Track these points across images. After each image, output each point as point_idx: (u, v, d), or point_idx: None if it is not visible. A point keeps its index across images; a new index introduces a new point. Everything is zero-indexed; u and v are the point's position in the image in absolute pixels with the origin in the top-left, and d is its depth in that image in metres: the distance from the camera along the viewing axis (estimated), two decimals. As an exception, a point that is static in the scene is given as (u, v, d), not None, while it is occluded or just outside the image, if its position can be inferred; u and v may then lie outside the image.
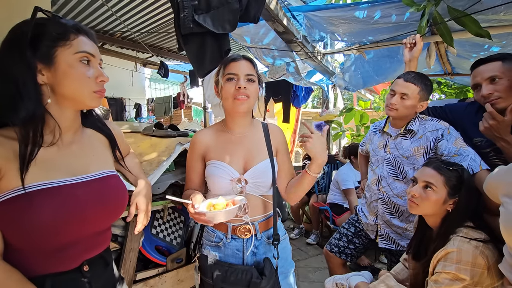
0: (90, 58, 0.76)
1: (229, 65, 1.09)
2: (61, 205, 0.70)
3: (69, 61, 0.72)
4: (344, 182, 3.09)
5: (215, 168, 1.08)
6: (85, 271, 0.76)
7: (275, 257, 1.06)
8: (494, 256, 1.03)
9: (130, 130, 1.59)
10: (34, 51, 0.69)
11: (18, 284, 0.64)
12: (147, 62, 5.03)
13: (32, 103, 0.69)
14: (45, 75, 0.72)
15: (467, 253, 1.02)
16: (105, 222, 0.84)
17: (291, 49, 2.62)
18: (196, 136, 1.18)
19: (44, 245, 0.69)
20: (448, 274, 1.03)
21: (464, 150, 1.41)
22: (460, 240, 1.07)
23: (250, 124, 1.18)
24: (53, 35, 0.71)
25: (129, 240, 1.27)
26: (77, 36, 0.74)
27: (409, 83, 1.52)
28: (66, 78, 0.72)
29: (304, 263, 2.97)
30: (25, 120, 0.68)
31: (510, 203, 0.91)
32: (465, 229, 1.11)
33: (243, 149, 1.12)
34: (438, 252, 1.10)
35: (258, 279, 0.97)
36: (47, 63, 0.71)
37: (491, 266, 1.00)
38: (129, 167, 1.05)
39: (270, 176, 1.09)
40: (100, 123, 0.93)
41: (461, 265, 1.01)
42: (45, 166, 0.71)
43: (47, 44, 0.70)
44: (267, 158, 1.10)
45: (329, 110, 4.11)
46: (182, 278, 1.56)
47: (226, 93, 1.07)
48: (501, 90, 1.27)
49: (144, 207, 0.98)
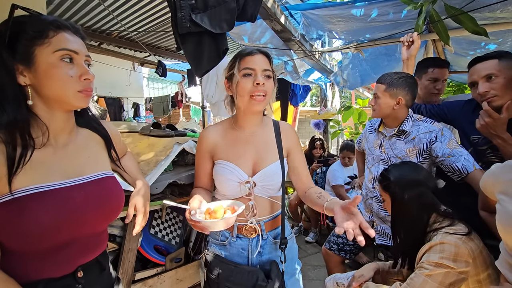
0: (73, 55, 0.72)
1: (245, 59, 1.01)
2: (56, 208, 0.69)
3: (49, 60, 0.69)
4: (333, 178, 3.17)
5: (223, 168, 1.05)
6: (79, 277, 0.75)
7: (282, 261, 1.05)
8: (478, 248, 1.07)
9: (128, 130, 1.58)
10: (12, 52, 0.67)
11: None
12: (144, 61, 5.02)
13: (13, 107, 0.67)
14: (26, 76, 0.69)
15: (450, 244, 1.06)
16: (101, 224, 0.83)
17: (288, 48, 2.62)
18: (203, 133, 1.13)
19: (39, 247, 0.68)
20: (432, 262, 1.06)
21: (458, 151, 1.42)
22: (443, 234, 1.11)
23: (261, 122, 1.13)
24: (30, 34, 0.68)
25: (128, 241, 1.27)
26: (56, 33, 0.70)
27: (378, 83, 1.62)
28: (47, 79, 0.69)
29: (303, 261, 2.98)
30: (9, 124, 0.66)
31: (506, 201, 0.92)
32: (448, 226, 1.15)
33: (252, 150, 1.07)
34: (423, 247, 1.13)
35: (264, 282, 0.96)
36: (26, 63, 0.68)
37: (475, 257, 1.03)
38: (127, 168, 1.04)
39: (279, 179, 1.05)
40: (95, 123, 0.90)
41: (444, 255, 1.05)
42: (41, 168, 0.70)
43: (25, 44, 0.67)
44: (277, 160, 1.06)
45: (327, 109, 4.11)
46: (181, 277, 1.56)
47: (243, 90, 1.00)
48: (497, 88, 1.28)
49: (142, 208, 0.97)
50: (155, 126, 1.56)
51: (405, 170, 1.30)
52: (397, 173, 1.29)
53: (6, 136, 0.66)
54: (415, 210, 1.22)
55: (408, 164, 1.35)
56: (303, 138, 7.50)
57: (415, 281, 1.10)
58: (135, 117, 6.72)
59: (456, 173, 1.41)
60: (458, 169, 1.40)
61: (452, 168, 1.42)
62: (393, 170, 1.31)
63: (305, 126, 7.96)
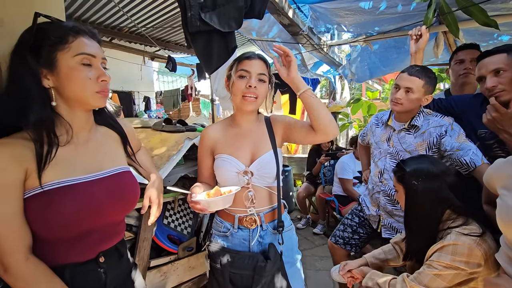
0: (91, 59, 0.77)
1: (243, 62, 1.12)
2: (79, 201, 0.75)
3: (69, 64, 0.74)
4: (342, 171, 3.15)
5: (223, 161, 1.13)
6: (100, 262, 0.82)
7: (280, 242, 1.11)
8: (492, 249, 1.05)
9: (141, 125, 1.65)
10: (37, 57, 0.72)
11: (44, 276, 0.71)
12: (155, 55, 5.09)
13: (39, 108, 0.73)
14: (50, 79, 0.75)
15: (463, 246, 1.05)
16: (119, 215, 0.90)
17: (297, 42, 2.62)
18: (205, 131, 1.23)
19: (65, 235, 0.75)
20: (443, 263, 1.07)
21: (466, 145, 1.42)
22: (457, 234, 1.09)
23: (256, 120, 1.22)
24: (52, 40, 0.73)
25: (143, 230, 1.35)
26: (75, 38, 0.75)
27: (414, 77, 1.50)
28: (68, 81, 0.75)
29: (311, 252, 3.05)
30: (35, 123, 0.72)
31: (507, 195, 0.94)
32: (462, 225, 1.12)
33: (249, 143, 1.16)
34: (435, 245, 1.13)
35: (263, 262, 1.03)
36: (50, 67, 0.74)
37: (488, 258, 1.03)
38: (141, 162, 1.11)
39: (274, 167, 1.12)
40: (112, 120, 0.96)
41: (457, 257, 1.04)
42: (65, 164, 0.77)
43: (48, 49, 0.73)
44: (270, 150, 1.14)
45: (336, 101, 4.10)
46: (193, 265, 1.65)
47: (237, 89, 1.11)
48: (505, 82, 1.27)
49: (156, 199, 1.04)
50: (167, 122, 1.63)
51: (423, 163, 1.26)
52: (414, 165, 1.26)
53: (34, 134, 0.72)
54: (429, 204, 1.19)
55: (427, 157, 1.33)
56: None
57: (422, 276, 1.11)
58: (146, 111, 6.83)
59: (464, 167, 1.42)
60: (466, 163, 1.41)
61: (460, 162, 1.43)
62: (410, 161, 1.29)
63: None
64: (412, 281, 1.14)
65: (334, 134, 1.10)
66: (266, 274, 1.01)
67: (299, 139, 1.19)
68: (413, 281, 1.14)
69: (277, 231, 1.12)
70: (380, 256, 1.50)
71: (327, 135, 1.09)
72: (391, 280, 1.23)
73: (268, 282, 1.02)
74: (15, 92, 0.72)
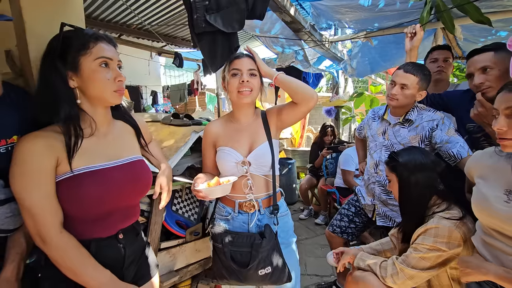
0: (108, 61, 0.87)
1: (233, 62, 1.25)
2: (102, 184, 0.88)
3: (91, 66, 0.85)
4: (345, 162, 3.22)
5: (223, 153, 1.26)
6: (120, 238, 0.95)
7: (275, 223, 1.24)
8: (471, 231, 1.16)
9: (151, 119, 1.78)
10: (64, 62, 0.83)
11: (75, 247, 0.83)
12: (162, 51, 5.19)
13: (68, 105, 0.85)
14: (74, 80, 0.85)
15: (444, 228, 1.16)
16: (135, 198, 1.02)
17: (299, 38, 2.70)
18: (207, 127, 1.36)
19: (91, 213, 0.87)
20: (427, 245, 1.18)
21: (455, 138, 1.51)
22: (439, 218, 1.21)
23: (253, 114, 1.34)
24: (76, 46, 0.83)
25: (154, 215, 1.48)
26: (95, 44, 0.85)
27: (409, 74, 1.58)
28: (90, 82, 0.86)
29: (312, 241, 3.17)
30: (65, 119, 0.84)
31: (481, 183, 1.03)
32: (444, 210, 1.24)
33: (247, 136, 1.28)
34: (419, 229, 1.24)
35: (259, 240, 1.16)
36: (74, 70, 0.84)
37: (467, 239, 1.14)
38: (152, 153, 1.23)
39: (269, 157, 1.24)
40: (127, 115, 1.09)
41: (438, 239, 1.15)
42: (89, 153, 0.89)
43: (72, 55, 0.83)
44: (266, 141, 1.26)
45: (339, 96, 4.16)
46: (199, 248, 1.79)
47: (232, 87, 1.24)
48: (492, 80, 1.34)
49: (166, 186, 1.16)
50: (175, 116, 1.75)
51: (414, 154, 1.36)
52: (406, 155, 1.36)
53: (64, 128, 0.84)
54: (419, 191, 1.30)
55: (418, 149, 1.42)
56: (316, 125, 7.53)
57: (409, 259, 1.23)
58: (153, 105, 6.96)
59: (452, 159, 1.51)
60: (453, 154, 1.50)
61: (449, 154, 1.52)
62: (402, 152, 1.39)
63: (318, 113, 7.97)
64: (401, 264, 1.26)
65: (314, 100, 1.22)
66: (262, 250, 1.14)
67: (290, 118, 1.30)
68: (402, 263, 1.25)
69: (272, 213, 1.24)
70: (377, 247, 1.60)
71: (308, 102, 1.22)
72: (382, 262, 1.34)
73: (264, 258, 1.15)
74: (47, 93, 0.84)
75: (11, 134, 0.85)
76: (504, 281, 0.89)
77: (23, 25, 0.96)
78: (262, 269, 1.15)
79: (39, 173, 0.80)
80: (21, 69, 1.04)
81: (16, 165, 0.79)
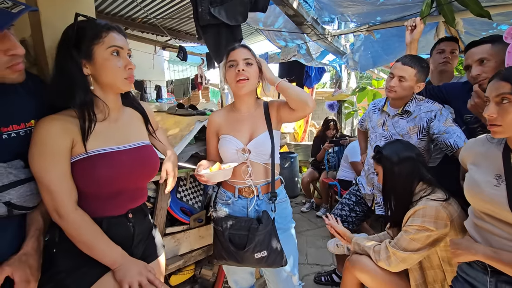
0: (119, 50, 0.92)
1: (230, 54, 1.29)
2: (113, 165, 0.94)
3: (103, 55, 0.90)
4: (353, 155, 3.25)
5: (225, 141, 1.32)
6: (130, 217, 1.01)
7: (273, 210, 1.29)
8: (456, 212, 1.24)
9: (157, 109, 1.84)
10: (78, 51, 0.88)
11: (89, 223, 0.90)
12: (166, 45, 5.24)
13: (83, 91, 0.91)
14: (88, 68, 0.91)
15: (431, 208, 1.23)
16: (143, 180, 1.09)
17: (302, 31, 2.73)
18: (211, 117, 1.42)
19: (103, 192, 0.94)
20: (416, 226, 1.24)
21: (452, 129, 1.55)
22: (426, 200, 1.29)
23: (255, 104, 1.39)
24: (90, 36, 0.88)
25: (160, 200, 1.54)
26: (107, 33, 0.90)
27: (407, 66, 1.61)
28: (103, 69, 0.91)
29: (313, 233, 3.24)
30: (81, 103, 0.90)
31: (473, 169, 1.08)
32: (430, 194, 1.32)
33: (248, 125, 1.33)
34: (409, 211, 1.31)
35: (256, 225, 1.23)
36: (88, 58, 0.89)
37: (453, 219, 1.20)
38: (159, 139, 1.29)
39: (269, 146, 1.29)
40: (136, 103, 1.15)
41: (426, 219, 1.22)
42: (101, 137, 0.95)
43: (87, 44, 0.88)
44: (266, 131, 1.31)
45: (342, 90, 4.19)
46: (202, 235, 1.85)
47: (229, 77, 1.29)
48: (488, 71, 1.37)
49: (172, 172, 1.22)
50: (180, 107, 1.81)
51: (397, 146, 1.46)
52: (389, 148, 1.46)
53: (79, 113, 0.90)
54: (403, 180, 1.39)
55: (400, 141, 1.52)
56: (319, 120, 7.55)
57: (401, 242, 1.30)
58: (157, 99, 7.00)
59: (449, 149, 1.55)
60: (450, 144, 1.54)
61: (445, 144, 1.56)
62: (386, 146, 1.49)
63: (321, 108, 7.98)
64: (393, 247, 1.32)
65: (310, 108, 1.27)
66: (258, 234, 1.21)
67: (287, 118, 1.35)
68: (394, 247, 1.32)
69: (270, 200, 1.30)
70: (374, 239, 1.65)
71: (305, 110, 1.27)
72: (375, 247, 1.40)
73: (261, 242, 1.21)
74: (63, 80, 0.90)
75: (29, 119, 0.91)
76: (492, 260, 0.94)
77: (39, 16, 1.01)
78: (258, 252, 1.22)
79: (56, 153, 0.86)
80: (36, 58, 1.10)
81: (35, 146, 0.85)
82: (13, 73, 0.81)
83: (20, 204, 0.87)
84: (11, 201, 0.84)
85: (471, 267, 1.05)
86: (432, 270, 1.31)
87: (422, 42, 2.66)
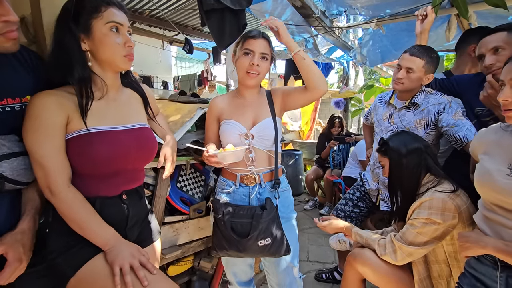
0: (119, 26, 0.90)
1: (248, 40, 1.24)
2: (110, 145, 0.91)
3: (102, 30, 0.87)
4: (361, 153, 3.20)
5: (227, 125, 1.28)
6: (124, 199, 0.98)
7: (276, 197, 1.26)
8: (465, 204, 1.17)
9: (159, 97, 1.82)
10: (76, 24, 0.86)
11: (81, 202, 0.88)
12: (173, 40, 5.24)
13: (81, 67, 0.88)
14: (86, 43, 0.88)
15: (438, 200, 1.18)
16: (140, 162, 1.06)
17: (309, 24, 2.68)
18: (213, 101, 1.38)
19: (98, 171, 0.91)
20: (422, 219, 1.19)
21: (462, 122, 1.49)
22: (433, 191, 1.23)
23: (258, 92, 1.36)
24: (88, 9, 0.86)
25: (159, 188, 1.52)
26: (106, 8, 0.88)
27: (415, 57, 1.55)
28: (101, 45, 0.88)
29: (315, 230, 3.18)
30: (79, 79, 0.88)
31: (484, 159, 1.02)
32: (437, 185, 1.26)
33: (251, 111, 1.30)
34: (414, 204, 1.25)
35: (260, 211, 1.18)
36: (86, 33, 0.87)
37: (461, 212, 1.14)
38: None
39: (272, 131, 1.26)
40: (136, 84, 1.12)
41: (433, 211, 1.16)
42: (99, 115, 0.92)
43: (85, 17, 0.86)
44: (269, 116, 1.28)
45: (349, 87, 4.12)
46: (202, 226, 1.82)
47: (241, 65, 1.25)
48: (503, 61, 1.29)
49: (170, 156, 1.19)
50: (181, 94, 1.78)
51: (405, 137, 1.40)
52: (396, 140, 1.39)
53: (77, 89, 0.88)
54: (410, 172, 1.33)
55: (407, 133, 1.45)
56: (326, 119, 7.48)
57: (407, 235, 1.24)
58: (164, 95, 7.05)
59: (458, 142, 1.49)
60: (459, 138, 1.48)
61: (455, 137, 1.50)
62: (392, 137, 1.43)
63: (328, 107, 7.90)
64: (398, 241, 1.26)
65: (324, 88, 1.24)
66: (262, 221, 1.16)
67: (295, 103, 1.32)
68: (399, 240, 1.26)
69: (274, 188, 1.26)
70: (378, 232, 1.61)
71: (319, 91, 1.24)
72: (379, 240, 1.35)
73: (265, 229, 1.17)
74: (61, 54, 0.88)
75: (25, 94, 0.89)
76: (503, 254, 0.89)
77: (37, -9, 0.99)
78: (262, 239, 1.18)
79: (50, 128, 0.84)
80: (35, 35, 1.08)
81: (29, 120, 0.83)
82: (6, 41, 0.79)
83: (13, 178, 0.85)
84: (3, 174, 0.82)
85: (480, 262, 1.00)
86: (438, 265, 1.25)
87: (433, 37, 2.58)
